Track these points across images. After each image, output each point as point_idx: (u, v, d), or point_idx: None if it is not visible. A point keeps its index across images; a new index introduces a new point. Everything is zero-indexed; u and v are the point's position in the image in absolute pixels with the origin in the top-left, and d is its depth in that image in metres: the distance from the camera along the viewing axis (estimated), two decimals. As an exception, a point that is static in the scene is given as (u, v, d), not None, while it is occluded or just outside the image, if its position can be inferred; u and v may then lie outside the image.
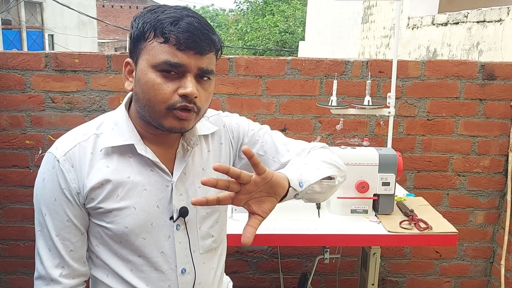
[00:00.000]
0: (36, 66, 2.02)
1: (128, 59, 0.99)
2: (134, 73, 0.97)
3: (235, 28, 19.00)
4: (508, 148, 2.18)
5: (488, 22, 3.00)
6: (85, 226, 1.02)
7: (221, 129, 1.15)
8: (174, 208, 1.03)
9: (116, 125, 1.02)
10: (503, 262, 2.19)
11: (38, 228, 1.01)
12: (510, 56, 2.65)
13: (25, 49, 13.86)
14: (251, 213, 0.91)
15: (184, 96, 0.93)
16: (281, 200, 0.95)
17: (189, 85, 0.92)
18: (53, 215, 0.99)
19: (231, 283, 1.31)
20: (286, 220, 1.63)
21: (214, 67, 0.99)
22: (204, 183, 0.83)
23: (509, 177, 2.17)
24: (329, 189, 1.07)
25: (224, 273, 1.24)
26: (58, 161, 0.98)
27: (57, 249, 1.00)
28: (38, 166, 2.13)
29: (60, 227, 0.99)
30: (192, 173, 1.06)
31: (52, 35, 15.69)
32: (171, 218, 1.03)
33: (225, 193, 0.87)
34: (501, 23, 2.85)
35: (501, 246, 2.22)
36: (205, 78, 0.97)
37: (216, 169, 0.82)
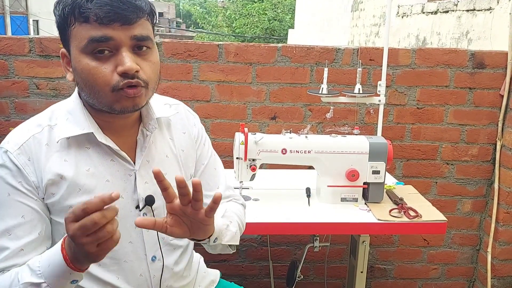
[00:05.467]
0: (19, 51, 1.96)
1: (63, 50, 0.94)
2: (71, 63, 0.92)
3: (223, 15, 18.83)
4: (496, 136, 2.19)
5: (478, 10, 3.00)
6: (43, 223, 0.95)
7: (183, 119, 1.12)
8: (140, 197, 1.00)
9: (70, 115, 0.96)
10: (489, 249, 2.22)
11: None
12: (499, 45, 2.65)
13: (9, 34, 13.57)
14: (166, 220, 0.89)
15: (125, 74, 0.87)
16: (192, 239, 0.98)
17: (126, 60, 0.87)
18: (5, 211, 0.92)
19: (202, 258, 1.31)
20: (276, 208, 1.62)
21: (151, 32, 0.93)
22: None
23: (496, 165, 2.19)
24: (224, 251, 1.12)
25: (194, 251, 1.23)
26: (11, 154, 0.92)
27: (5, 247, 0.91)
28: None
29: (12, 225, 0.92)
30: (156, 160, 1.03)
31: (37, 21, 15.39)
32: (137, 207, 1.00)
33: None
34: (490, 12, 2.85)
35: (488, 233, 2.24)
36: (144, 48, 0.91)
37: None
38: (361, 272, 1.77)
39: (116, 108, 0.91)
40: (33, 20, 15.23)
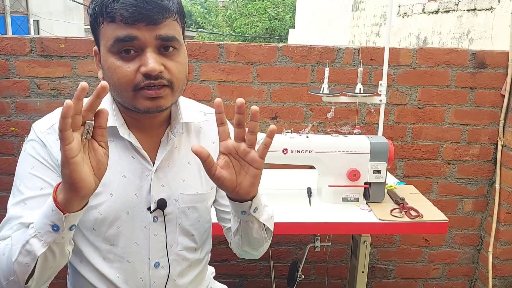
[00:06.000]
0: (20, 51, 1.96)
1: (95, 48, 0.96)
2: (101, 61, 0.94)
3: (224, 15, 18.82)
4: (497, 136, 2.19)
5: (479, 10, 3.00)
6: None
7: (214, 130, 1.06)
8: (152, 199, 0.99)
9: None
10: (490, 249, 2.21)
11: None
12: (500, 44, 2.65)
13: (9, 34, 13.58)
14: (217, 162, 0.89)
15: (147, 74, 0.87)
16: (233, 200, 0.94)
17: (149, 61, 0.87)
18: (27, 183, 0.92)
19: (213, 274, 1.28)
20: (277, 208, 1.62)
21: (179, 33, 0.92)
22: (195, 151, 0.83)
23: (498, 165, 2.18)
24: (258, 240, 1.04)
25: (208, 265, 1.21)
26: (40, 133, 0.94)
27: (14, 222, 0.90)
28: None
29: (29, 196, 0.92)
30: (177, 165, 1.02)
31: (37, 21, 15.38)
32: (148, 208, 0.99)
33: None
34: (491, 12, 2.85)
35: (489, 233, 2.24)
36: (171, 49, 0.90)
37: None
38: (362, 272, 1.76)
39: (140, 108, 0.91)
40: (33, 20, 15.22)
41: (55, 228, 0.79)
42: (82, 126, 0.76)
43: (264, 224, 1.01)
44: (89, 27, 1.01)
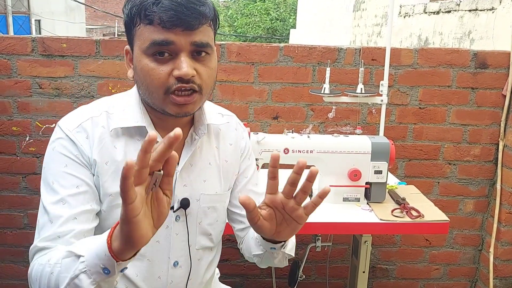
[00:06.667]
0: (22, 51, 1.97)
1: (127, 47, 0.97)
2: (133, 61, 0.95)
3: (225, 15, 18.83)
4: (498, 137, 2.18)
5: (480, 10, 2.99)
6: (96, 198, 0.95)
7: (233, 131, 1.12)
8: (176, 198, 1.00)
9: (128, 106, 0.99)
10: (492, 249, 2.21)
11: (41, 204, 0.94)
12: (501, 45, 2.65)
13: (11, 34, 13.57)
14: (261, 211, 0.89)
15: (180, 78, 0.89)
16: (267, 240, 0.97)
17: (183, 65, 0.88)
18: (62, 182, 0.92)
19: (218, 275, 1.30)
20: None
21: (212, 39, 0.94)
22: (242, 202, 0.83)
23: (499, 165, 2.18)
24: (277, 264, 1.09)
25: None
26: (69, 131, 0.94)
27: (57, 219, 0.90)
28: (26, 153, 2.09)
29: (67, 195, 0.92)
30: (199, 166, 1.04)
31: (39, 21, 15.40)
32: (172, 207, 1.00)
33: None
34: (493, 12, 2.85)
35: (490, 234, 2.24)
36: (203, 54, 0.92)
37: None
38: (363, 272, 1.77)
39: (168, 111, 0.93)
40: (35, 20, 15.24)
41: (106, 271, 0.77)
42: (148, 176, 0.70)
43: (287, 253, 1.04)
44: (90, 27, 1.01)
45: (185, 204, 1.00)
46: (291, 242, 1.05)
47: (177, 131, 0.68)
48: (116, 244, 0.75)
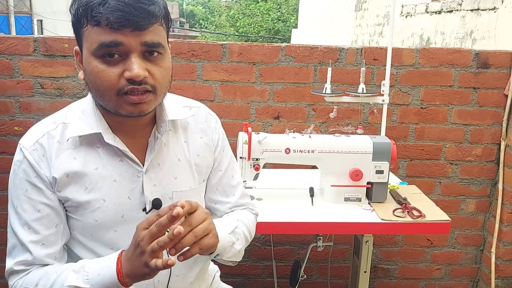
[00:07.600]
0: (24, 51, 1.97)
1: (76, 48, 0.94)
2: (83, 63, 0.92)
3: (227, 15, 18.83)
4: (500, 136, 2.18)
5: (482, 10, 2.99)
6: (60, 217, 0.97)
7: (202, 123, 1.09)
8: (147, 200, 0.99)
9: (83, 114, 0.98)
10: (493, 249, 2.21)
11: (9, 224, 0.97)
12: (503, 44, 2.64)
13: (13, 34, 13.58)
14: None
15: (131, 80, 0.87)
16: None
17: (134, 67, 0.86)
18: (24, 206, 0.95)
19: (218, 272, 1.29)
20: (279, 208, 1.62)
21: (164, 38, 0.92)
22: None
23: (501, 165, 2.18)
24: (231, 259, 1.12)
25: (211, 262, 1.22)
26: (26, 150, 0.95)
27: (26, 245, 0.94)
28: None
29: (30, 219, 0.94)
30: (168, 163, 1.02)
31: (41, 21, 15.42)
32: (144, 209, 0.99)
33: None
34: (495, 11, 2.84)
35: (491, 234, 2.23)
36: (155, 54, 0.90)
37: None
38: (365, 272, 1.76)
39: (122, 112, 0.91)
40: (37, 20, 15.26)
41: None
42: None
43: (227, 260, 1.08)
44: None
45: (157, 204, 0.98)
46: (234, 251, 1.07)
47: (179, 210, 0.83)
48: (128, 279, 0.88)
